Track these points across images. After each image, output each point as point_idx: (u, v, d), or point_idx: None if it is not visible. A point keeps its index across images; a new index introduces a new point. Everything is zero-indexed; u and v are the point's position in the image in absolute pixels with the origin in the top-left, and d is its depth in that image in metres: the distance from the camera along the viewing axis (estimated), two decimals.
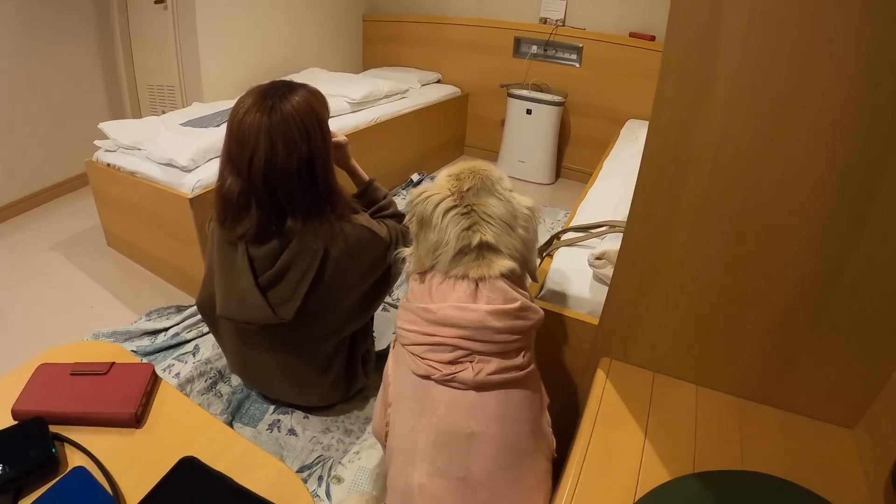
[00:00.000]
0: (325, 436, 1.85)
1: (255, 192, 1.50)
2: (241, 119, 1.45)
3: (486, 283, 1.14)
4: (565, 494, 1.01)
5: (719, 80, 0.96)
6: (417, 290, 1.22)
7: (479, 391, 1.10)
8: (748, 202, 1.03)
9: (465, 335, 1.11)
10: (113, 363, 0.93)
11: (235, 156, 1.48)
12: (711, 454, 1.09)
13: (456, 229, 1.17)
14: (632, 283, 1.23)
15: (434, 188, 1.23)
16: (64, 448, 0.81)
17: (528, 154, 4.14)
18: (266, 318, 1.56)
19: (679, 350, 1.25)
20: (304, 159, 1.49)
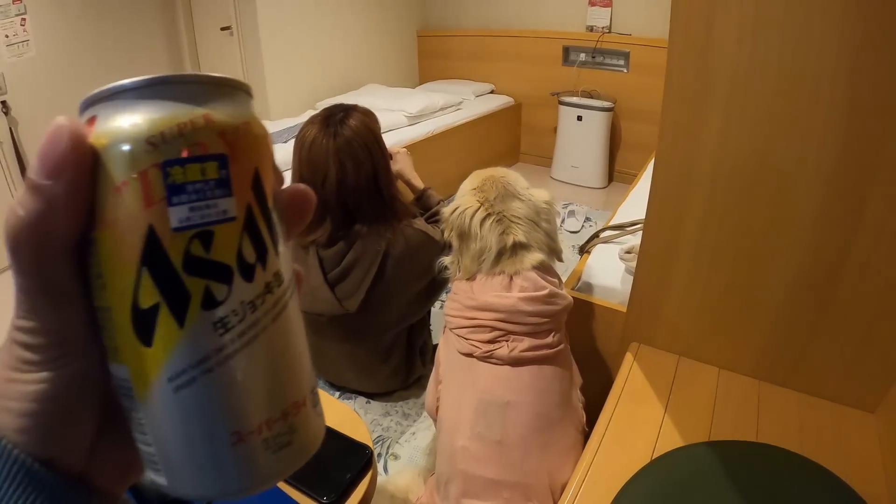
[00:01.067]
0: (384, 419, 2.01)
1: (329, 207, 1.70)
2: (310, 147, 1.66)
3: (520, 275, 1.29)
4: (588, 455, 1.15)
5: (717, 87, 1.07)
6: (462, 286, 1.37)
7: (514, 366, 1.27)
8: (751, 195, 1.13)
9: (501, 318, 1.27)
10: None
11: (308, 179, 1.67)
12: (727, 429, 1.17)
13: (494, 235, 1.30)
14: (652, 273, 1.35)
15: (464, 203, 1.37)
16: None
17: (580, 159, 4.22)
18: (334, 309, 1.76)
19: (700, 335, 1.34)
20: (369, 174, 1.69)
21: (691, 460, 1.10)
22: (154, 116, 0.23)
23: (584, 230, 3.44)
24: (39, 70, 3.33)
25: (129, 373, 0.25)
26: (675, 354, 1.40)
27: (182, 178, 0.23)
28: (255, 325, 0.25)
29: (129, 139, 0.23)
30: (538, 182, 4.25)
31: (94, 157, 0.23)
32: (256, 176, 0.25)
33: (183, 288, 0.23)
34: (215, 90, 0.25)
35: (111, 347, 0.25)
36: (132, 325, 0.24)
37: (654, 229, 1.31)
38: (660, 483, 1.05)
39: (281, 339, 0.27)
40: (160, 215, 0.23)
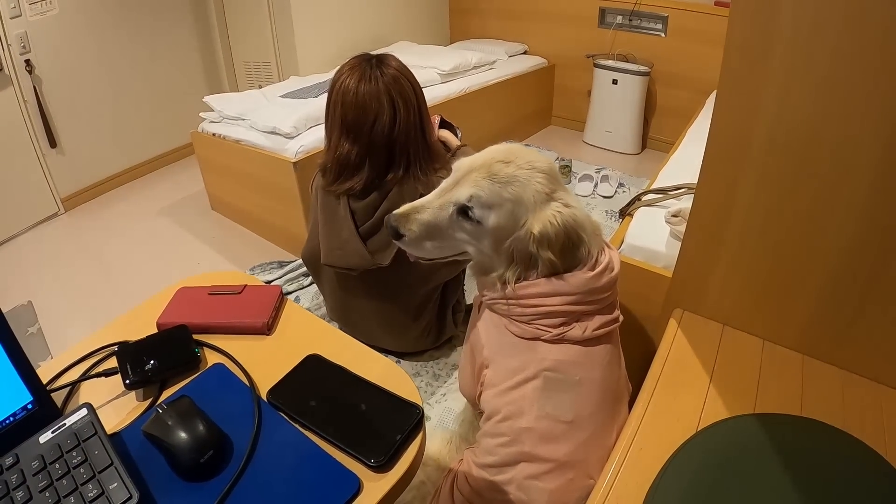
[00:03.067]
0: (415, 379, 1.98)
1: (374, 152, 1.66)
2: (356, 90, 1.61)
3: (604, 252, 1.20)
4: (633, 422, 1.12)
5: (777, 48, 1.01)
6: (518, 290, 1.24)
7: (585, 345, 1.18)
8: (808, 161, 1.08)
9: (573, 300, 1.16)
10: (245, 285, 1.10)
11: (353, 123, 1.64)
12: (771, 401, 1.14)
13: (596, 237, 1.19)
14: (701, 239, 1.30)
15: (550, 214, 1.17)
16: (204, 352, 0.97)
17: (614, 124, 4.15)
18: (365, 263, 1.72)
19: (746, 304, 1.31)
20: (417, 112, 1.67)
21: (738, 432, 1.07)
22: None
23: (618, 196, 3.41)
24: (63, 28, 3.34)
25: None
26: (720, 323, 1.36)
27: None
28: None
29: None
30: (571, 146, 4.25)
31: None
32: None
33: None
34: None
35: None
36: None
37: (706, 193, 1.25)
38: (708, 454, 1.02)
39: None
40: None
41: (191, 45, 4.16)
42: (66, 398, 0.90)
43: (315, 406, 0.84)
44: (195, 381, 0.91)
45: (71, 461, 0.73)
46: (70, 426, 0.78)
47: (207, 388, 0.89)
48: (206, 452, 0.75)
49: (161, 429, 0.77)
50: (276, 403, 0.85)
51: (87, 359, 0.97)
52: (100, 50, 3.54)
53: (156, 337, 0.97)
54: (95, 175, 3.72)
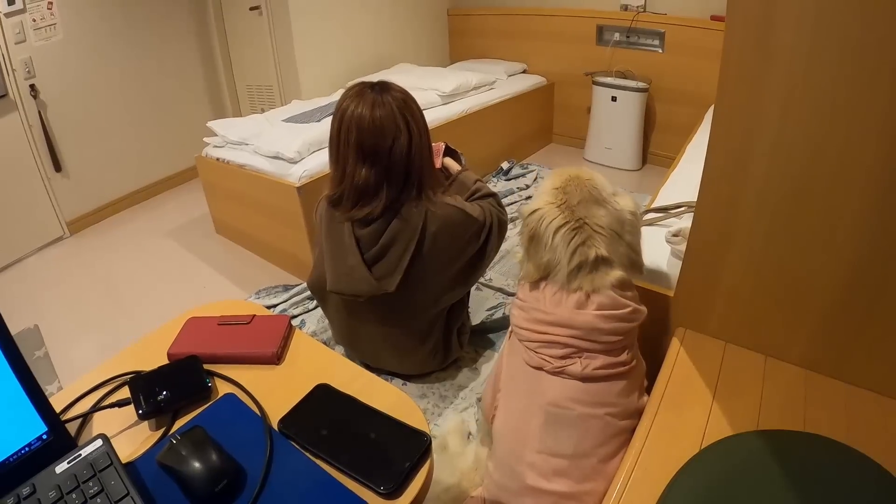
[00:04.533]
0: (421, 401, 2.01)
1: (393, 175, 1.68)
2: (372, 115, 1.62)
3: (599, 293, 1.23)
4: (637, 442, 1.13)
5: (775, 64, 1.03)
6: (531, 296, 1.31)
7: (585, 382, 1.22)
8: (808, 179, 1.09)
9: (576, 335, 1.21)
10: (254, 315, 1.12)
11: (371, 148, 1.65)
12: (775, 417, 1.15)
13: (568, 248, 1.23)
14: (702, 258, 1.32)
15: (542, 202, 1.29)
16: (215, 382, 0.98)
17: (614, 141, 4.17)
18: (372, 290, 1.74)
19: (748, 322, 1.32)
20: (425, 132, 1.70)
21: (742, 450, 1.08)
22: None
23: None
24: (67, 53, 3.38)
25: None
26: (722, 341, 1.38)
27: None
28: None
29: None
30: (572, 163, 4.25)
31: None
32: None
33: None
34: None
35: None
36: None
37: (707, 214, 1.28)
38: (711, 472, 1.03)
39: None
40: None
41: (194, 70, 4.20)
42: (79, 428, 0.91)
43: (325, 435, 0.85)
44: (207, 411, 0.93)
45: (88, 491, 0.74)
46: (86, 456, 0.79)
47: (219, 418, 0.91)
48: (221, 482, 0.76)
49: (175, 459, 0.78)
50: (287, 433, 0.86)
51: (99, 388, 0.98)
52: (104, 74, 3.58)
53: (167, 367, 0.99)
54: (100, 199, 3.75)
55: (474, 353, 2.24)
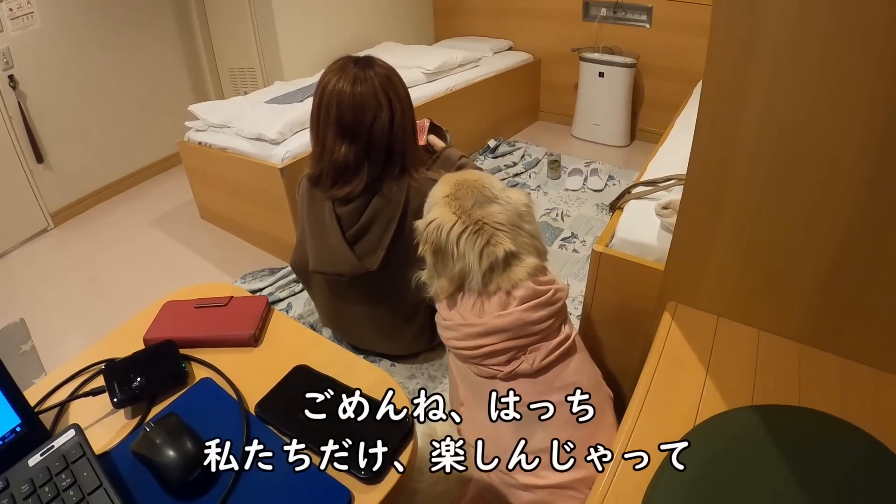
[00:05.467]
0: (410, 381, 1.99)
1: (374, 152, 1.64)
2: (352, 91, 1.58)
3: (518, 287, 1.22)
4: (629, 420, 1.10)
5: (764, 35, 0.99)
6: (453, 313, 1.29)
7: (539, 374, 1.22)
8: (799, 150, 1.05)
9: (510, 336, 1.20)
10: (232, 297, 1.09)
11: (351, 124, 1.61)
12: (769, 393, 1.13)
13: (475, 251, 1.21)
14: (693, 230, 1.28)
15: (437, 213, 1.27)
16: (191, 366, 0.95)
17: (602, 117, 4.14)
18: (354, 269, 1.71)
19: (741, 295, 1.29)
20: (408, 109, 1.67)
21: (736, 425, 1.05)
22: None
23: (608, 189, 3.40)
24: (45, 42, 3.31)
25: None
26: (714, 315, 1.35)
27: None
28: None
29: None
30: (560, 140, 4.24)
31: None
32: None
33: None
34: None
35: None
36: None
37: (696, 186, 1.24)
38: (706, 448, 1.01)
39: None
40: None
41: (175, 54, 4.13)
42: (55, 419, 0.88)
43: (305, 420, 0.82)
44: (183, 397, 0.90)
45: (60, 484, 0.72)
46: (58, 448, 0.77)
47: (196, 404, 0.88)
48: (195, 470, 0.73)
49: (149, 447, 0.76)
50: (264, 417, 0.84)
51: (75, 378, 0.96)
52: (84, 62, 3.51)
53: (142, 353, 0.96)
54: (84, 189, 3.70)
55: None
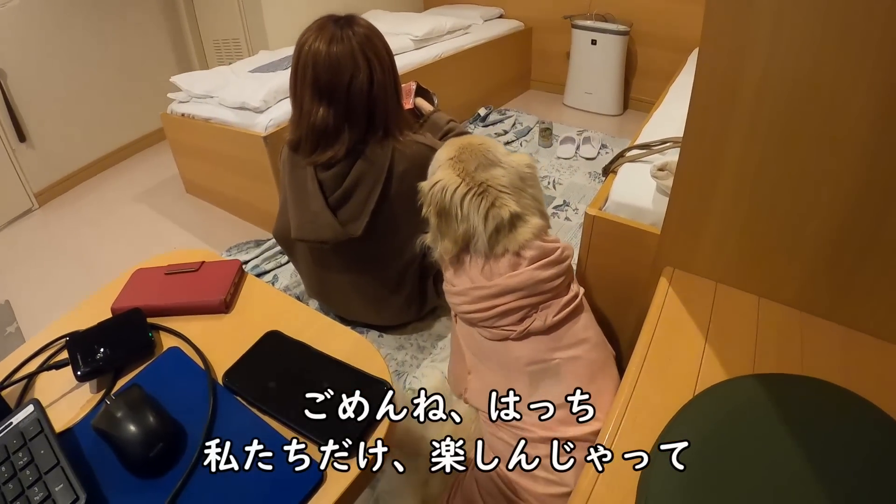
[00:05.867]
0: (399, 352, 1.94)
1: (353, 114, 1.58)
2: (328, 50, 1.52)
3: (526, 247, 1.22)
4: (626, 388, 1.05)
5: None
6: (461, 278, 1.29)
7: (551, 332, 1.23)
8: (801, 107, 1.00)
9: (523, 295, 1.21)
10: (203, 262, 1.03)
11: (328, 85, 1.55)
12: (770, 361, 1.09)
13: (479, 213, 1.22)
14: (690, 193, 1.23)
15: (444, 177, 1.26)
16: (159, 335, 0.90)
17: (594, 85, 4.07)
18: (337, 235, 1.64)
19: (740, 260, 1.24)
20: (391, 72, 1.60)
21: (739, 395, 1.01)
22: None
23: (601, 157, 3.35)
24: (24, 18, 3.24)
25: None
26: (713, 281, 1.30)
27: None
28: None
29: None
30: (551, 109, 4.17)
31: None
32: None
33: None
34: None
35: None
36: None
37: (694, 145, 1.18)
38: (708, 419, 0.96)
39: None
40: None
41: (158, 28, 4.05)
42: (20, 395, 0.84)
43: (274, 388, 0.77)
44: (149, 368, 0.84)
45: (17, 463, 0.67)
46: (17, 425, 0.72)
47: (162, 375, 0.82)
48: (156, 446, 0.68)
49: (109, 423, 0.70)
50: (232, 387, 0.78)
51: (42, 352, 0.90)
52: (64, 38, 3.43)
53: (108, 323, 0.90)
54: (68, 167, 3.63)
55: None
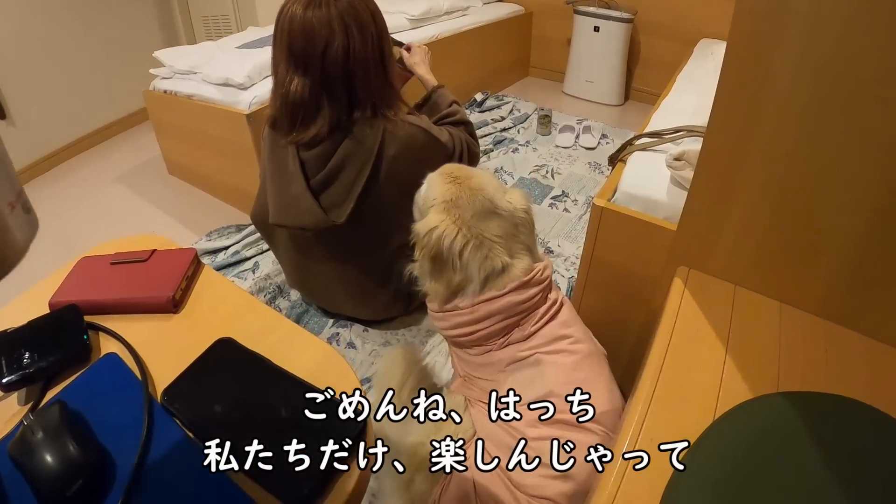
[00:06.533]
0: (384, 349, 1.82)
1: (330, 86, 1.45)
2: (304, 15, 1.39)
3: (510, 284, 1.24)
4: (639, 407, 0.93)
5: None
6: (444, 314, 1.30)
7: (529, 338, 1.23)
8: (839, 95, 0.89)
9: (503, 318, 1.23)
10: (154, 250, 0.90)
11: (301, 53, 1.43)
12: (795, 375, 0.98)
13: (476, 263, 1.22)
14: (712, 186, 1.11)
15: (436, 220, 1.24)
16: (98, 337, 0.76)
17: (595, 74, 3.94)
18: (318, 221, 1.51)
19: (761, 262, 1.13)
20: (377, 43, 1.45)
21: (768, 414, 0.90)
22: None
23: (601, 147, 3.23)
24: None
25: None
26: (731, 283, 1.18)
27: None
28: None
29: None
30: (550, 97, 4.03)
31: None
32: None
33: None
34: None
35: None
36: None
37: (718, 134, 1.06)
38: (737, 442, 0.85)
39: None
40: None
41: (145, 3, 3.90)
42: None
43: (221, 413, 0.63)
44: (82, 378, 0.70)
45: None
46: None
47: (94, 387, 0.68)
48: (75, 482, 0.54)
49: (23, 450, 0.57)
50: (170, 408, 0.64)
51: None
52: (47, 13, 3.29)
53: (40, 322, 0.76)
54: (49, 146, 3.49)
55: None
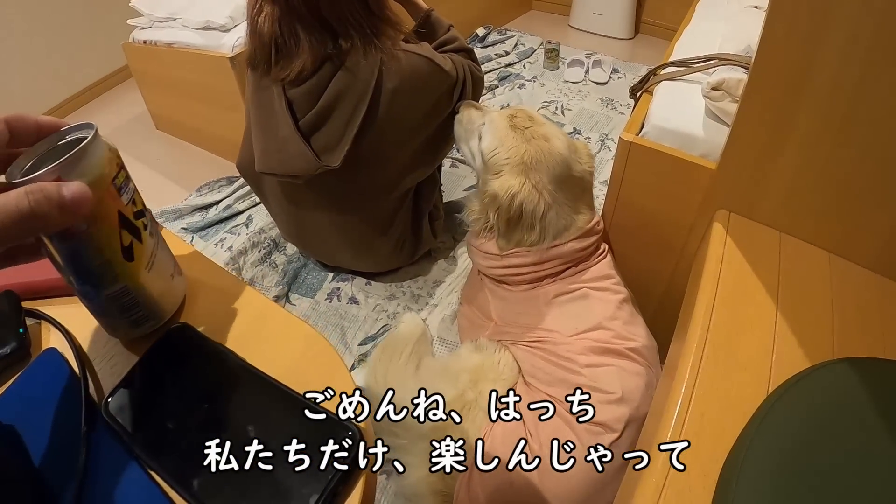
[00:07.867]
0: (389, 303, 1.72)
1: (300, 18, 1.28)
2: None
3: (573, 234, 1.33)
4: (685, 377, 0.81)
5: None
6: (503, 256, 1.34)
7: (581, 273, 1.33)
8: None
9: (564, 261, 1.30)
10: None
11: None
12: (851, 339, 0.87)
13: (552, 228, 1.29)
14: (762, 120, 0.96)
15: (516, 184, 1.25)
16: (40, 327, 0.62)
17: (603, 5, 3.67)
18: (310, 167, 1.37)
19: (814, 208, 1.00)
20: None
21: (838, 386, 0.78)
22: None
23: (612, 82, 3.06)
24: None
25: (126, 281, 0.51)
26: (776, 231, 1.05)
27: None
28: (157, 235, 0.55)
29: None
30: (556, 31, 3.82)
31: None
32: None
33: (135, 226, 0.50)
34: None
35: (111, 277, 0.50)
36: (122, 255, 0.49)
37: (773, 54, 0.89)
38: (803, 417, 0.74)
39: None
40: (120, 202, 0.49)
41: None
42: None
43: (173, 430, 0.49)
44: (20, 380, 0.56)
45: None
46: None
47: (31, 393, 0.54)
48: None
49: None
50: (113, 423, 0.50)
51: None
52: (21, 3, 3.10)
53: None
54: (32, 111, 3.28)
55: (451, 240, 1.93)
